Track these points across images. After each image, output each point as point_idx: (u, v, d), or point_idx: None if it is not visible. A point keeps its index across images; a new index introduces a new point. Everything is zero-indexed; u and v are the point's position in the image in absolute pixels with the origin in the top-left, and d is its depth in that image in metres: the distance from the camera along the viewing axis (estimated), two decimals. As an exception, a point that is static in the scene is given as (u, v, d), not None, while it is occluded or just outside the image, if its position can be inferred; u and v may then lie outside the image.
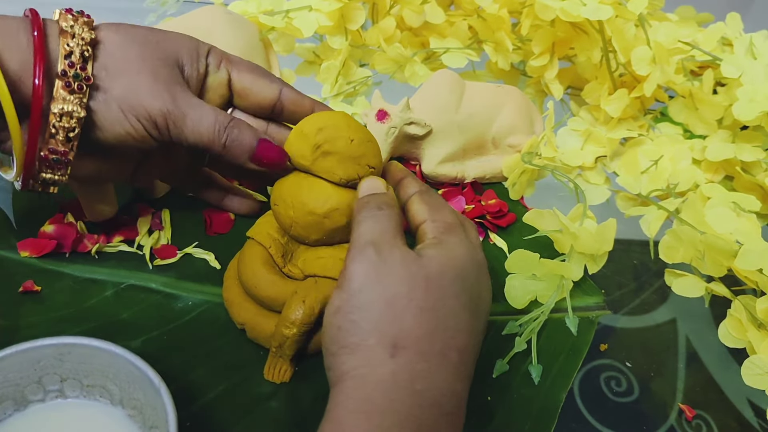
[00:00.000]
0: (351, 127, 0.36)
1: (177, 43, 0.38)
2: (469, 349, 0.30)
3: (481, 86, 0.55)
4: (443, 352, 0.28)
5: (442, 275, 0.30)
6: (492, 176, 0.57)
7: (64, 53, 0.33)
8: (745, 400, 0.45)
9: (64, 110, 0.33)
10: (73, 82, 0.33)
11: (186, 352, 0.40)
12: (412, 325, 0.28)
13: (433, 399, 0.27)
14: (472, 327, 0.30)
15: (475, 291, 0.31)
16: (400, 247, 0.31)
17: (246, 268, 0.39)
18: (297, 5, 0.57)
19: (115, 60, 0.35)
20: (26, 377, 0.33)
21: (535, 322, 0.44)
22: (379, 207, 0.33)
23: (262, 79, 0.40)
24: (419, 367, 0.27)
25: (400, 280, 0.29)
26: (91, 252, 0.45)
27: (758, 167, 0.51)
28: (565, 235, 0.47)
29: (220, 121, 0.36)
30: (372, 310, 0.28)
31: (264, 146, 0.37)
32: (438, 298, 0.29)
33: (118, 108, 0.34)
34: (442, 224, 0.33)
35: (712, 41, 0.54)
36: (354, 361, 0.28)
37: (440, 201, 0.36)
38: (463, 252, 0.32)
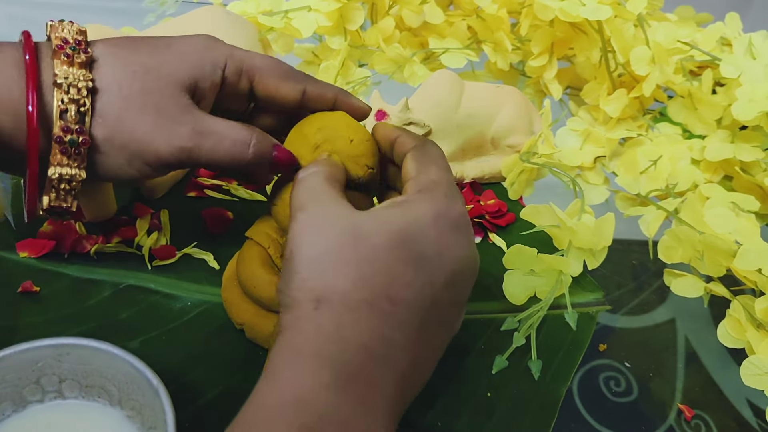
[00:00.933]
0: (350, 127, 0.36)
1: (185, 62, 0.35)
2: (411, 302, 0.30)
3: (480, 86, 0.55)
4: (371, 302, 0.29)
5: (377, 230, 0.30)
6: (491, 176, 0.57)
7: (59, 111, 0.31)
8: (744, 400, 0.45)
9: (63, 176, 0.32)
10: (70, 148, 0.32)
11: (185, 353, 0.40)
12: (335, 279, 0.29)
13: (360, 344, 0.28)
14: (416, 280, 0.30)
15: (431, 248, 0.31)
16: (326, 202, 0.31)
17: (245, 268, 0.39)
18: (296, 5, 0.57)
19: (114, 106, 0.33)
20: (25, 378, 0.33)
21: (534, 317, 0.44)
22: (305, 169, 0.33)
23: (286, 81, 0.38)
24: (344, 317, 0.28)
25: (326, 237, 0.30)
26: (90, 252, 0.45)
27: (757, 167, 0.51)
28: (562, 231, 0.47)
29: (240, 141, 0.35)
30: (301, 269, 0.29)
31: (280, 151, 0.36)
32: (367, 253, 0.29)
33: (121, 158, 0.33)
34: (424, 183, 0.33)
35: (711, 41, 0.54)
36: (288, 316, 0.29)
37: (433, 155, 0.34)
38: (426, 209, 0.31)
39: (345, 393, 0.27)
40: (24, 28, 0.33)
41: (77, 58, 0.32)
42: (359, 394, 0.27)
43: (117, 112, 0.33)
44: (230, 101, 0.38)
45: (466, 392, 0.41)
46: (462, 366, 0.42)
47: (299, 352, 0.28)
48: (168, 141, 0.33)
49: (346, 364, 0.28)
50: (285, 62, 0.39)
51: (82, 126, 0.32)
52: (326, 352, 0.28)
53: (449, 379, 0.41)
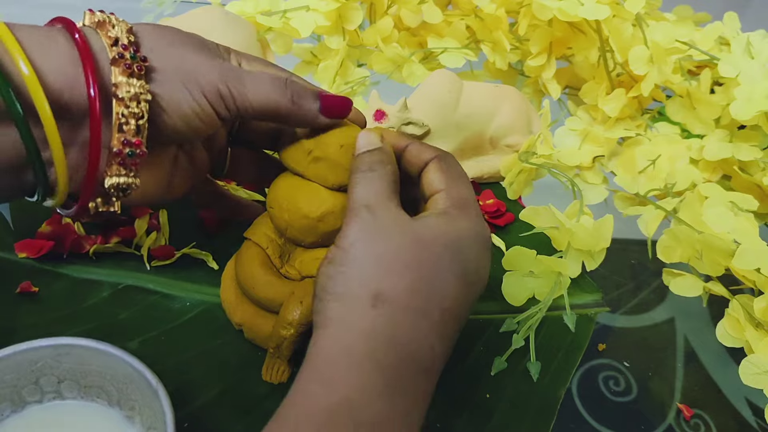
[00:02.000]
0: (342, 132, 0.36)
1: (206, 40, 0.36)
2: (453, 313, 0.30)
3: (478, 86, 0.55)
4: (425, 309, 0.29)
5: (434, 240, 0.30)
6: (490, 176, 0.57)
7: (110, 42, 0.30)
8: (744, 399, 0.45)
9: (130, 94, 0.30)
10: (132, 64, 0.30)
11: (184, 353, 0.40)
12: (396, 281, 0.29)
13: (411, 352, 0.28)
14: (459, 293, 0.30)
15: (472, 265, 0.31)
16: (393, 209, 0.32)
17: (243, 268, 0.39)
18: (294, 5, 0.57)
19: (157, 44, 0.32)
20: (23, 378, 0.33)
21: (532, 319, 0.44)
22: (371, 168, 0.33)
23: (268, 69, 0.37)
24: (400, 319, 0.28)
25: (390, 239, 0.30)
26: (89, 253, 0.45)
27: (756, 166, 0.51)
28: (561, 232, 0.47)
29: (279, 78, 0.34)
30: (361, 263, 0.29)
31: (326, 96, 0.35)
32: (425, 260, 0.30)
33: (181, 85, 0.32)
34: (456, 199, 0.33)
35: (709, 41, 0.54)
36: (339, 308, 0.29)
37: (459, 171, 0.35)
38: (468, 226, 0.32)
39: (394, 403, 0.27)
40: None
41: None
42: (406, 406, 0.28)
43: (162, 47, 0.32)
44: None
45: (465, 393, 0.41)
46: (461, 367, 0.42)
47: (352, 350, 0.27)
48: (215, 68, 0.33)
49: (399, 375, 0.27)
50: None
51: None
52: (381, 355, 0.27)
53: (448, 380, 0.41)
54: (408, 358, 0.28)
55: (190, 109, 0.32)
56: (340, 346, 0.28)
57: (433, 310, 0.29)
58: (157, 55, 0.32)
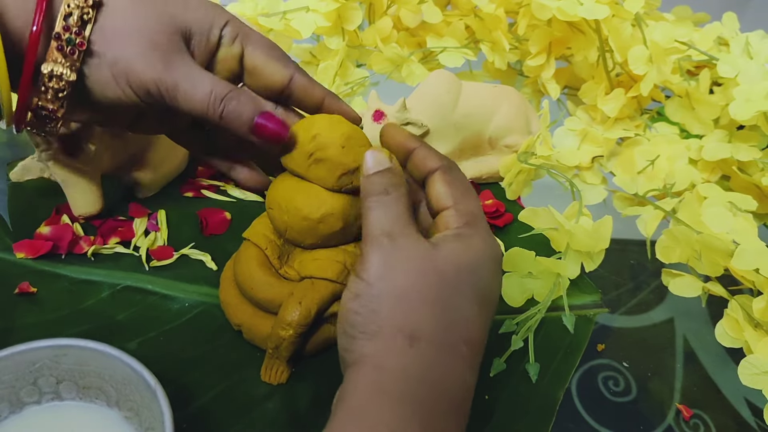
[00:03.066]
0: (343, 133, 0.36)
1: (190, 12, 0.36)
2: (478, 342, 0.30)
3: (477, 86, 0.55)
4: (455, 345, 0.29)
5: (457, 270, 0.30)
6: (489, 176, 0.57)
7: (64, 13, 0.33)
8: (743, 399, 0.45)
9: (53, 72, 0.33)
10: (65, 46, 0.33)
11: (182, 354, 0.40)
12: (427, 318, 0.29)
13: (445, 390, 0.28)
14: (480, 320, 0.31)
15: (487, 287, 0.32)
16: (414, 237, 0.31)
17: (242, 269, 0.39)
18: (294, 6, 0.57)
19: (115, 25, 0.34)
20: (22, 379, 0.33)
21: (531, 320, 0.44)
22: (386, 191, 0.33)
23: (276, 61, 0.38)
24: (433, 358, 0.28)
25: (416, 273, 0.30)
26: (87, 253, 0.44)
27: (754, 167, 0.51)
28: (560, 233, 0.47)
29: (216, 92, 0.35)
30: (390, 300, 0.29)
31: (266, 118, 0.35)
32: (451, 293, 0.30)
33: (109, 73, 0.34)
34: (466, 215, 0.33)
35: (708, 41, 0.54)
36: (373, 346, 0.29)
37: (466, 184, 0.34)
38: (482, 247, 0.32)
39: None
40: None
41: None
42: None
43: (115, 29, 0.34)
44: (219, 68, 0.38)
45: (465, 392, 0.41)
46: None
47: (387, 391, 0.27)
48: (153, 69, 0.34)
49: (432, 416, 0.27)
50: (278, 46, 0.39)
51: (81, 30, 0.33)
52: (417, 397, 0.27)
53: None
54: (441, 396, 0.28)
55: (114, 94, 0.35)
56: (376, 386, 0.28)
57: (461, 344, 0.29)
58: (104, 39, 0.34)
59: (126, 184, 0.50)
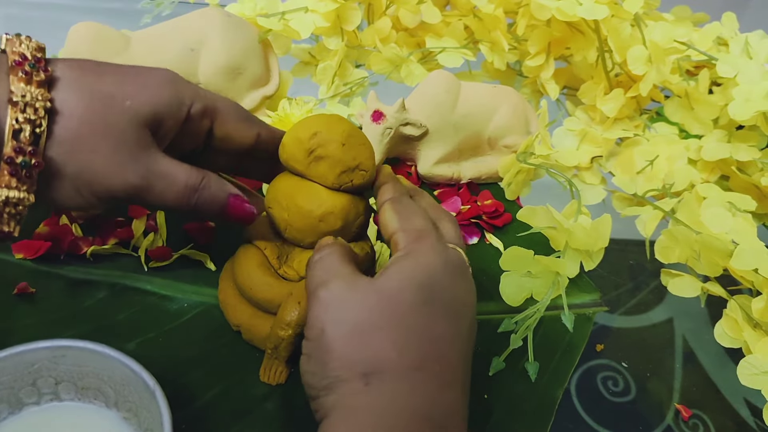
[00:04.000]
0: (344, 131, 0.36)
1: (155, 94, 0.34)
2: (452, 356, 0.29)
3: (476, 86, 0.55)
4: (421, 366, 0.28)
5: (401, 291, 0.29)
6: (488, 177, 0.57)
7: (12, 130, 0.29)
8: (742, 399, 0.45)
9: (9, 199, 0.30)
10: (21, 171, 0.30)
11: (181, 354, 0.40)
12: (380, 349, 0.28)
13: (420, 413, 0.27)
14: (449, 333, 0.30)
15: (449, 295, 0.31)
16: (346, 275, 0.31)
17: (241, 269, 0.39)
18: (293, 6, 0.57)
19: (72, 132, 0.31)
20: (20, 380, 0.33)
21: (530, 319, 0.44)
22: (318, 251, 0.33)
23: (242, 123, 0.38)
24: (398, 387, 0.27)
25: (357, 309, 0.29)
26: (86, 254, 0.44)
27: (754, 167, 0.51)
28: (559, 232, 0.47)
29: (189, 184, 0.35)
30: (337, 347, 0.28)
31: (234, 203, 0.36)
32: (402, 315, 0.29)
33: (71, 187, 0.32)
34: (412, 233, 0.32)
35: (707, 41, 0.54)
36: (333, 398, 0.28)
37: (411, 208, 0.34)
38: (431, 259, 0.31)
39: None
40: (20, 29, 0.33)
41: (36, 76, 0.30)
42: None
43: (74, 138, 0.31)
44: (187, 140, 0.37)
45: (464, 393, 0.41)
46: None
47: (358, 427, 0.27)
48: (121, 177, 0.32)
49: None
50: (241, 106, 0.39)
51: (35, 148, 0.30)
52: (387, 427, 0.27)
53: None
54: (417, 419, 0.27)
55: (75, 204, 0.33)
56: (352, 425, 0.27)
57: (430, 364, 0.28)
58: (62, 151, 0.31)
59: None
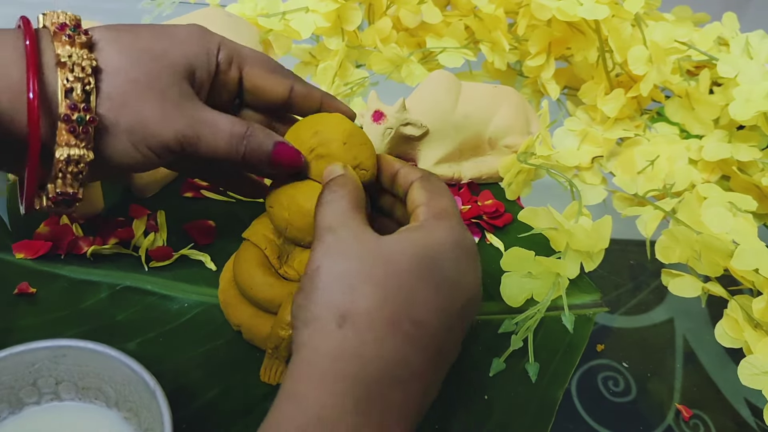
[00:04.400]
0: (345, 130, 0.36)
1: (186, 47, 0.35)
2: (431, 324, 0.30)
3: (477, 86, 0.55)
4: (394, 322, 0.29)
5: (402, 253, 0.30)
6: (488, 177, 0.57)
7: (65, 89, 0.30)
8: (743, 399, 0.45)
9: (71, 157, 0.31)
10: (78, 127, 0.31)
11: (182, 354, 0.40)
12: (360, 298, 0.29)
13: (381, 366, 0.28)
14: (436, 305, 0.30)
15: (449, 274, 0.31)
16: (355, 227, 0.31)
17: (242, 269, 0.39)
18: (293, 6, 0.57)
19: (120, 87, 0.32)
20: (21, 380, 0.33)
21: (531, 320, 0.44)
22: (331, 190, 0.33)
23: (274, 75, 0.38)
24: (367, 336, 0.28)
25: (354, 257, 0.30)
26: (87, 254, 0.44)
27: (754, 167, 0.51)
28: (560, 233, 0.47)
29: (236, 133, 0.35)
30: (326, 286, 0.29)
31: (281, 148, 0.36)
32: (392, 274, 0.29)
33: (127, 142, 0.32)
34: (435, 209, 0.33)
35: (708, 41, 0.54)
36: (307, 333, 0.29)
37: (440, 187, 0.35)
38: (444, 235, 0.32)
39: (367, 416, 0.27)
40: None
41: (78, 39, 0.32)
42: (380, 418, 0.27)
43: (122, 93, 0.32)
44: (219, 92, 0.38)
45: (464, 395, 0.41)
46: (459, 368, 0.42)
47: (321, 371, 0.28)
48: (171, 126, 0.33)
49: (369, 387, 0.27)
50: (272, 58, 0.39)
51: (88, 104, 0.31)
52: (349, 373, 0.27)
53: (446, 381, 0.41)
54: (377, 372, 0.28)
55: (132, 160, 0.33)
56: (311, 367, 0.28)
57: (403, 322, 0.29)
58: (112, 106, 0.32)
59: (126, 184, 0.50)
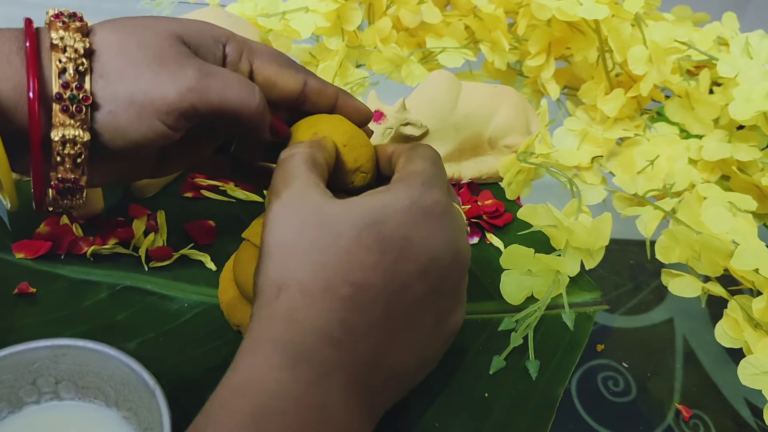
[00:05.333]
0: (345, 132, 0.36)
1: (187, 26, 0.34)
2: (374, 286, 0.30)
3: (477, 86, 0.55)
4: (329, 287, 0.29)
5: (344, 218, 0.30)
6: (488, 176, 0.57)
7: (57, 71, 0.30)
8: (743, 399, 0.45)
9: (66, 137, 0.31)
10: (70, 105, 0.30)
11: (182, 354, 0.40)
12: (295, 266, 0.29)
13: (314, 327, 0.28)
14: (382, 266, 0.30)
15: (402, 234, 0.30)
16: (300, 188, 0.31)
17: (241, 269, 0.39)
18: (293, 6, 0.57)
19: (114, 63, 0.31)
20: (21, 379, 0.33)
21: (531, 318, 0.44)
22: (289, 150, 0.33)
23: (286, 69, 0.37)
24: (301, 302, 0.29)
25: (291, 227, 0.30)
26: (87, 254, 0.44)
27: (754, 167, 0.51)
28: (559, 230, 0.47)
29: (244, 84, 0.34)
30: (267, 258, 0.30)
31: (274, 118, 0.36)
32: (329, 241, 0.30)
33: (130, 114, 0.31)
34: (404, 172, 0.33)
35: (708, 41, 0.54)
36: (254, 307, 0.30)
37: (419, 152, 0.34)
38: (398, 198, 0.31)
39: (296, 372, 0.27)
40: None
41: (72, 24, 0.31)
42: (313, 374, 0.28)
43: (117, 68, 0.32)
44: None
45: (464, 393, 0.41)
46: (459, 366, 0.42)
47: (254, 338, 0.29)
48: (175, 83, 0.32)
49: (298, 346, 0.28)
50: (284, 54, 0.38)
51: (81, 83, 0.31)
52: (278, 336, 0.28)
53: (446, 379, 0.41)
54: (308, 332, 0.28)
55: (140, 135, 0.32)
56: (248, 337, 0.29)
57: (338, 286, 0.29)
58: (109, 81, 0.31)
59: (126, 184, 0.50)
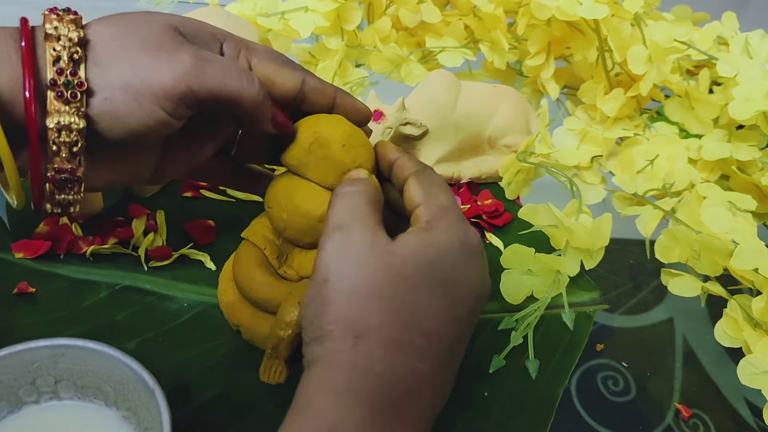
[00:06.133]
0: (344, 131, 0.36)
1: (184, 20, 0.34)
2: (441, 333, 0.30)
3: (477, 86, 0.55)
4: (405, 338, 0.29)
5: (414, 263, 0.30)
6: (488, 176, 0.57)
7: (52, 59, 0.30)
8: (742, 399, 0.45)
9: (61, 124, 0.30)
10: (65, 91, 0.30)
11: (181, 354, 0.40)
12: (372, 314, 0.29)
13: (391, 380, 0.28)
14: (442, 311, 0.30)
15: (456, 275, 0.31)
16: (369, 229, 0.31)
17: (241, 269, 0.39)
18: (293, 6, 0.57)
19: (108, 51, 0.31)
20: (20, 379, 0.33)
21: (531, 317, 0.44)
22: (351, 183, 0.33)
23: (284, 68, 0.36)
24: (378, 352, 0.28)
25: (365, 269, 0.30)
26: (86, 253, 0.44)
27: (754, 166, 0.51)
28: (560, 230, 0.47)
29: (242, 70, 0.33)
30: (337, 300, 0.29)
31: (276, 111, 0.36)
32: (402, 287, 0.30)
33: (128, 100, 0.31)
34: (435, 208, 0.33)
35: (708, 40, 0.54)
36: (320, 350, 0.29)
37: (436, 181, 0.35)
38: (447, 237, 0.31)
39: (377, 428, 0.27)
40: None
41: (66, 17, 0.31)
42: (390, 429, 0.28)
43: (113, 55, 0.31)
44: None
45: (464, 392, 0.41)
46: (459, 365, 0.42)
47: (332, 384, 0.28)
48: (171, 67, 0.31)
49: (379, 400, 0.28)
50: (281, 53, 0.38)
51: (76, 69, 0.30)
52: (360, 387, 0.28)
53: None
54: (388, 386, 0.28)
55: (137, 121, 0.31)
56: (324, 382, 0.28)
57: (413, 337, 0.29)
58: (104, 68, 0.31)
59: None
